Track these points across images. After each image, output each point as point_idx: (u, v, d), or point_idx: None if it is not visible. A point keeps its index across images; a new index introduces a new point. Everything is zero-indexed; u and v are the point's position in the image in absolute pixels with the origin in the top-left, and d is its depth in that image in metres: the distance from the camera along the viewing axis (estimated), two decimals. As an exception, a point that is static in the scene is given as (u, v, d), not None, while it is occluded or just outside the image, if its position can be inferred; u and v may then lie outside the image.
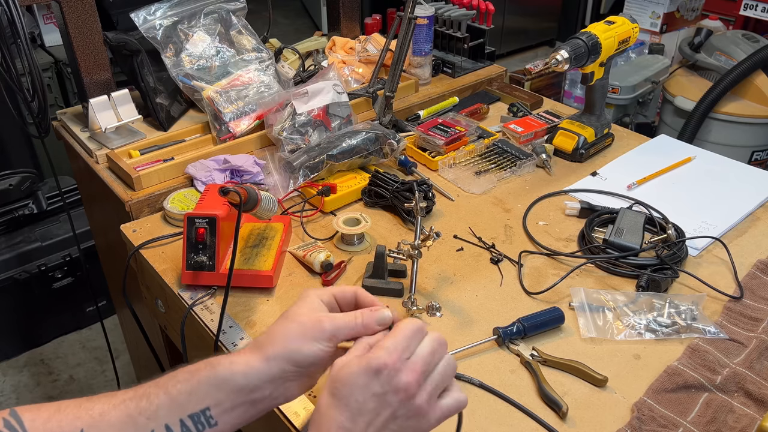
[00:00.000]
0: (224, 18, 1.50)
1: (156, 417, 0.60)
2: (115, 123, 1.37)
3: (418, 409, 0.59)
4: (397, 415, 0.59)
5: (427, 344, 0.61)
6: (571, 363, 0.90)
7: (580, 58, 1.28)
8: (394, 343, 0.60)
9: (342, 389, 0.58)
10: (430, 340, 0.62)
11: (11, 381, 2.32)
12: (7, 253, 2.26)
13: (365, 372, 0.58)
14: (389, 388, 0.58)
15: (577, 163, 1.42)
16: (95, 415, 0.59)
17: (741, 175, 1.37)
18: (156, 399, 0.60)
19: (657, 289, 1.03)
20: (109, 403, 0.60)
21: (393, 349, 0.59)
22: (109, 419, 0.59)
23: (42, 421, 0.58)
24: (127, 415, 0.59)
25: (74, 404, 0.60)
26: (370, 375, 0.58)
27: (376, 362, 0.58)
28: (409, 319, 0.64)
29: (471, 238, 1.18)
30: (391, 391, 0.58)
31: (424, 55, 1.66)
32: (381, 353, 0.58)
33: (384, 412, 0.58)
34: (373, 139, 1.31)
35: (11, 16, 1.20)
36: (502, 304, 1.02)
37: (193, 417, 0.61)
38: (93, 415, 0.59)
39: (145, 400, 0.60)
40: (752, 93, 2.56)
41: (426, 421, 0.60)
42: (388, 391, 0.58)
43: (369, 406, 0.58)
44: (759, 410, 0.84)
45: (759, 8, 2.87)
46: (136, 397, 0.60)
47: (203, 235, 1.00)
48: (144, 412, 0.60)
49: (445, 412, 0.62)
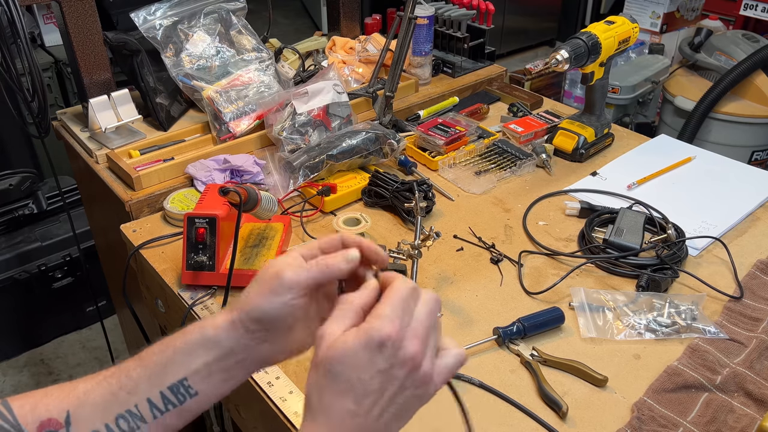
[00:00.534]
0: (224, 18, 1.50)
1: (137, 391, 0.59)
2: (115, 123, 1.37)
3: (424, 377, 0.54)
4: (404, 386, 0.53)
5: (425, 305, 0.56)
6: (571, 363, 0.90)
7: (580, 58, 1.28)
8: (392, 309, 0.53)
9: (341, 369, 0.51)
10: (427, 301, 0.56)
11: (11, 381, 2.32)
12: (7, 253, 2.26)
13: (366, 347, 0.51)
14: (395, 361, 0.52)
15: (577, 163, 1.42)
16: (80, 395, 0.59)
17: (741, 175, 1.37)
18: (135, 373, 0.59)
19: (657, 289, 1.03)
20: (92, 382, 0.60)
21: (393, 317, 0.53)
22: (94, 398, 0.59)
23: (30, 407, 0.58)
24: (110, 392, 0.59)
25: (59, 388, 0.60)
26: (373, 350, 0.51)
27: (378, 335, 0.51)
28: (401, 277, 0.57)
29: (471, 238, 1.18)
30: (397, 364, 0.52)
31: (424, 55, 1.66)
32: (380, 323, 0.52)
33: (390, 388, 0.52)
34: (373, 139, 1.31)
35: (11, 16, 1.20)
36: (502, 304, 1.02)
37: (172, 388, 0.59)
38: (78, 395, 0.59)
39: (125, 376, 0.59)
40: (752, 93, 2.56)
41: (432, 386, 0.55)
42: (394, 364, 0.52)
43: (374, 385, 0.52)
44: (759, 410, 0.84)
45: (759, 8, 2.87)
46: (117, 373, 0.60)
47: (203, 235, 1.00)
48: (125, 387, 0.59)
49: (448, 372, 0.57)
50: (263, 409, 0.86)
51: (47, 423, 0.57)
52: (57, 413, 0.58)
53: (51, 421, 0.57)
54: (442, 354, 0.57)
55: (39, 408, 0.58)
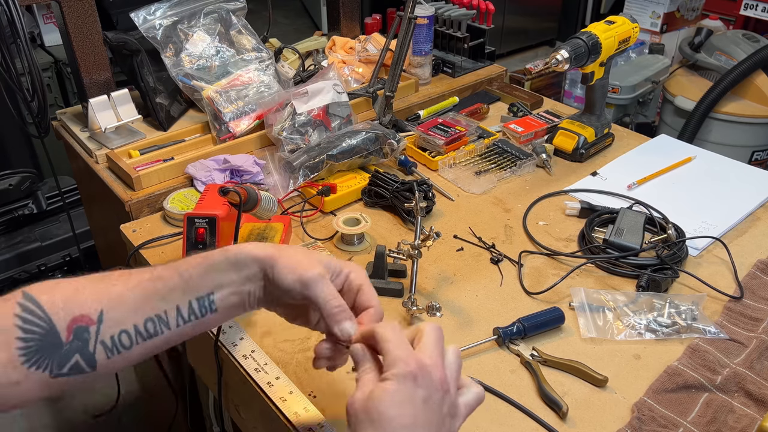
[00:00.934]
0: (224, 18, 1.50)
1: (169, 298, 0.62)
2: (114, 123, 1.37)
3: (454, 405, 0.58)
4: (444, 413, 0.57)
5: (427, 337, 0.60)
6: (571, 363, 0.90)
7: (580, 58, 1.28)
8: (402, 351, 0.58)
9: (389, 412, 0.54)
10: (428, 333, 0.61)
11: (11, 381, 2.32)
12: (7, 253, 2.26)
13: (402, 384, 0.55)
14: (432, 388, 0.56)
15: (577, 163, 1.41)
16: (114, 296, 0.61)
17: (741, 175, 1.37)
18: (170, 281, 0.63)
19: (657, 289, 1.03)
20: (126, 285, 0.62)
21: (407, 356, 0.57)
22: (127, 300, 0.61)
23: (62, 301, 0.58)
24: (144, 297, 0.62)
25: (91, 284, 0.61)
26: (410, 384, 0.55)
27: (407, 370, 0.56)
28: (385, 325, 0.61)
29: (471, 238, 1.18)
30: (433, 389, 0.56)
31: (424, 55, 1.66)
32: (403, 364, 0.56)
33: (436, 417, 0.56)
34: (373, 139, 1.31)
35: (11, 16, 1.20)
36: (502, 304, 1.02)
37: (200, 300, 0.64)
38: (111, 296, 0.60)
39: (161, 282, 0.63)
40: (752, 93, 2.56)
41: (459, 420, 0.59)
42: (432, 391, 0.56)
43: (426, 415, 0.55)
44: (759, 410, 0.84)
45: (759, 8, 2.87)
46: (153, 279, 0.63)
47: (203, 235, 1.00)
48: (159, 292, 0.62)
49: (469, 408, 0.61)
50: (263, 409, 0.86)
51: (80, 318, 0.58)
52: (91, 311, 0.59)
53: (84, 317, 0.59)
54: (462, 391, 0.61)
55: (71, 303, 0.59)
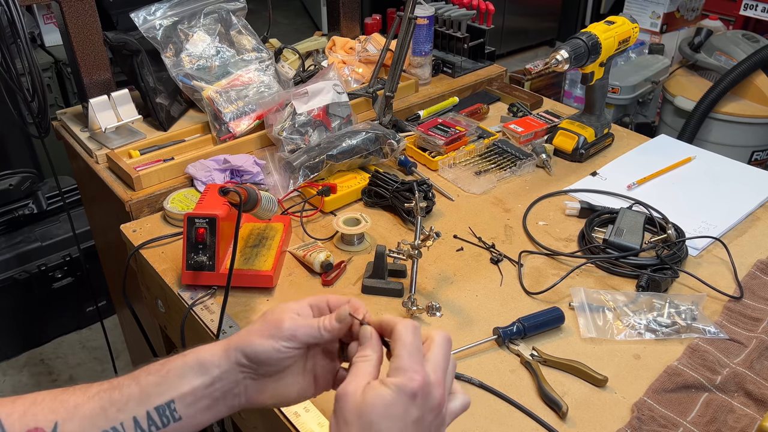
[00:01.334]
0: (224, 18, 1.50)
1: (126, 409, 0.60)
2: (115, 123, 1.37)
3: (443, 418, 0.58)
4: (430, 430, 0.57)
5: (440, 348, 0.59)
6: (571, 363, 0.90)
7: (580, 58, 1.28)
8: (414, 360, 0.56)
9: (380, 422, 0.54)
10: (441, 344, 0.60)
11: (11, 381, 2.32)
12: (7, 253, 2.26)
13: (401, 399, 0.54)
14: (426, 409, 0.56)
15: (577, 163, 1.42)
16: (70, 408, 0.59)
17: (741, 175, 1.37)
18: (127, 390, 0.60)
19: (657, 289, 1.03)
20: (84, 395, 0.60)
21: (417, 368, 0.56)
22: (83, 411, 0.59)
23: (18, 415, 0.58)
24: (101, 407, 0.59)
25: (50, 396, 0.60)
26: (407, 402, 0.54)
27: (410, 386, 0.55)
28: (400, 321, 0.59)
29: (471, 238, 1.18)
30: (427, 411, 0.56)
31: (424, 55, 1.66)
32: (410, 376, 0.55)
33: None
34: (373, 139, 1.31)
35: (11, 16, 1.20)
36: (502, 304, 1.02)
37: (158, 409, 0.60)
38: (68, 408, 0.59)
39: (117, 392, 0.60)
40: (752, 93, 2.56)
41: (443, 428, 0.59)
42: (425, 412, 0.56)
43: None
44: (759, 410, 0.84)
45: (759, 8, 2.87)
46: (110, 389, 0.61)
47: (203, 235, 1.00)
48: (115, 403, 0.60)
49: (454, 415, 0.61)
50: (263, 409, 0.86)
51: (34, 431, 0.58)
52: (45, 423, 0.58)
53: (37, 430, 0.58)
54: (450, 398, 0.60)
55: (27, 416, 0.58)
